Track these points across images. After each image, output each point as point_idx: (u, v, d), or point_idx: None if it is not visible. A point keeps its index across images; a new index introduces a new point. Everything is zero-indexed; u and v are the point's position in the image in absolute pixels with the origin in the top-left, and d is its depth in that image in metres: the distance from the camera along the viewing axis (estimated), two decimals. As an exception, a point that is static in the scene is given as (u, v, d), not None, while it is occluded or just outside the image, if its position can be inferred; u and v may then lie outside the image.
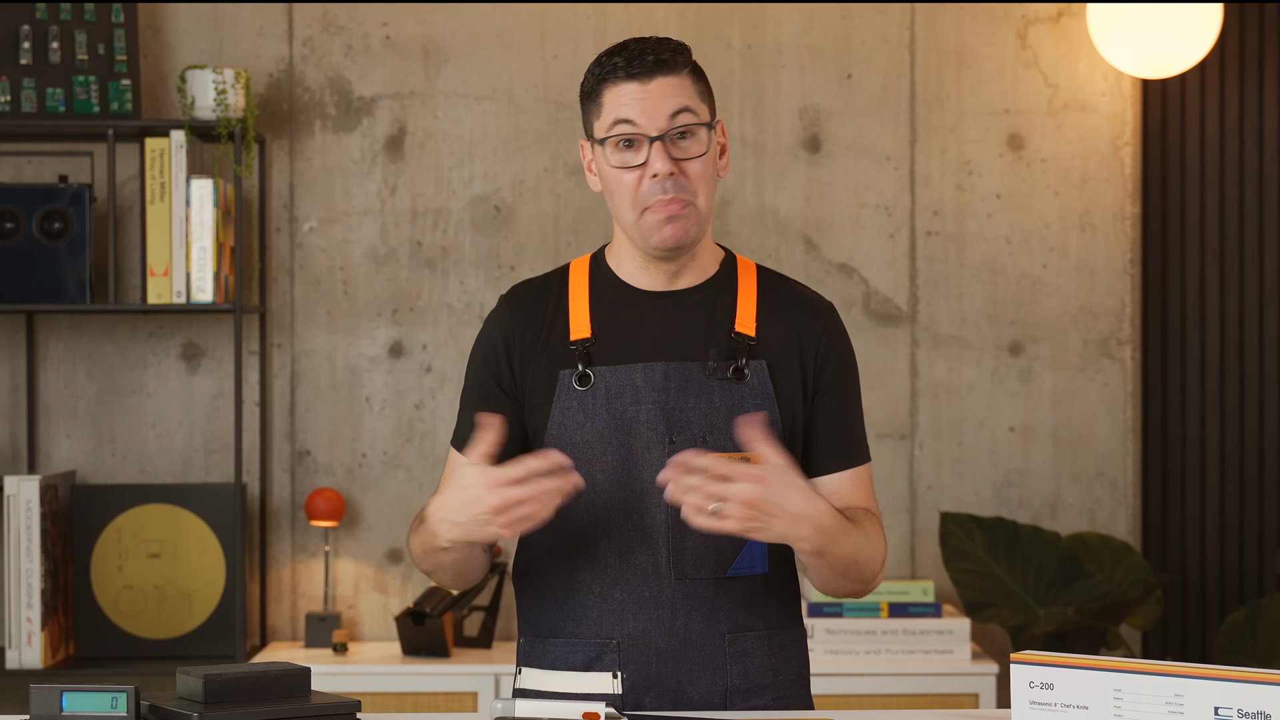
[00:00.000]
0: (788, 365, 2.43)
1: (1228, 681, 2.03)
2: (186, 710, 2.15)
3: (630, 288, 2.45)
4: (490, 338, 2.46)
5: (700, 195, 2.37)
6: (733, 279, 2.47)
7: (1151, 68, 4.13)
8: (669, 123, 2.35)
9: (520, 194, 4.25)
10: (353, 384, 4.24)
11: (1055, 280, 4.29)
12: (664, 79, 2.36)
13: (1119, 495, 4.30)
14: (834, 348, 2.46)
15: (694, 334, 2.42)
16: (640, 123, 2.35)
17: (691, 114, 2.36)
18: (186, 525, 4.09)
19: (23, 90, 4.04)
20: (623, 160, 2.37)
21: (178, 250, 3.98)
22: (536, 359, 2.42)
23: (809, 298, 2.50)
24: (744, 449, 2.30)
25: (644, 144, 2.35)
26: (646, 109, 2.35)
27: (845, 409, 2.47)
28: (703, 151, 2.37)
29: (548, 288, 2.47)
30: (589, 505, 2.38)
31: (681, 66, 2.38)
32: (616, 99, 2.37)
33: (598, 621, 2.40)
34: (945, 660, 3.98)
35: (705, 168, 2.38)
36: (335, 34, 4.24)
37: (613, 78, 2.37)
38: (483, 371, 2.46)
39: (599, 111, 2.39)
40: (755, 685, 2.43)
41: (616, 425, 2.38)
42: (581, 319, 2.43)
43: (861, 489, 2.47)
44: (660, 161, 2.34)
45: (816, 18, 4.28)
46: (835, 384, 2.46)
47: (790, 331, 2.44)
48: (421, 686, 3.91)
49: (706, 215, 2.40)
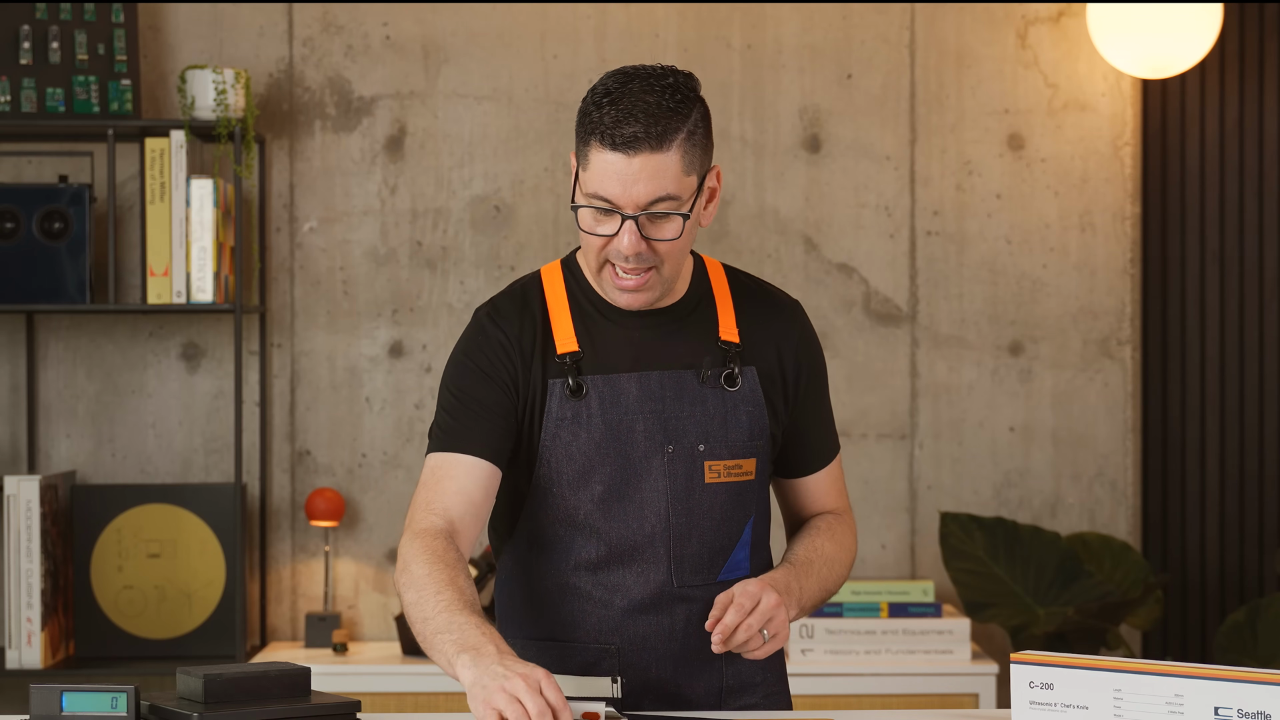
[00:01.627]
0: (772, 371, 2.45)
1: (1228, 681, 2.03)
2: (186, 710, 2.15)
3: (608, 304, 2.42)
4: (488, 341, 2.40)
5: (667, 265, 2.33)
6: (707, 286, 2.46)
7: (1151, 68, 4.13)
8: (646, 204, 2.27)
9: (520, 194, 4.25)
10: (353, 384, 4.24)
11: (1055, 280, 4.29)
12: (649, 155, 2.25)
13: (1119, 495, 4.30)
14: (807, 351, 2.50)
15: (681, 343, 2.42)
16: (617, 198, 2.27)
17: (672, 200, 2.28)
18: (186, 525, 4.09)
19: (23, 90, 4.04)
20: (593, 227, 2.31)
21: (178, 250, 3.98)
22: (528, 369, 2.39)
23: (778, 300, 2.50)
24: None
25: (618, 219, 2.29)
26: (626, 184, 2.26)
27: (822, 409, 2.53)
28: (675, 236, 2.30)
29: (526, 299, 2.42)
30: (587, 514, 2.39)
31: (672, 134, 2.27)
32: (600, 165, 2.27)
33: (597, 627, 2.41)
34: (945, 660, 3.98)
35: (676, 246, 2.32)
36: (335, 34, 4.24)
37: (599, 139, 2.27)
38: (476, 372, 2.39)
39: (585, 162, 2.30)
40: (747, 684, 2.46)
41: (614, 434, 2.37)
42: (566, 333, 2.39)
43: (835, 484, 2.57)
44: (629, 240, 2.28)
45: (816, 18, 4.28)
46: (812, 387, 2.50)
47: (769, 337, 2.46)
48: (421, 686, 3.90)
49: (672, 278, 2.36)
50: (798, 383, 2.47)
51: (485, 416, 2.36)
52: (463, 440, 2.35)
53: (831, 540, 2.49)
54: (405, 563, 2.29)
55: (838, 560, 2.48)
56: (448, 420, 2.38)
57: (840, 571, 2.49)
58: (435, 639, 2.20)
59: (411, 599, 2.26)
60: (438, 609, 2.21)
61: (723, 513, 2.41)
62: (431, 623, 2.21)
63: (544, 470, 2.38)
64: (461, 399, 2.38)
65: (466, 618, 2.19)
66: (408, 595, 2.27)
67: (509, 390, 2.38)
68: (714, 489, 2.40)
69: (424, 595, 2.23)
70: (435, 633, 2.20)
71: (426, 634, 2.22)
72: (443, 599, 2.22)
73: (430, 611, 2.22)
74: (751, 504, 2.44)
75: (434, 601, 2.22)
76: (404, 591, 2.28)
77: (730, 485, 2.40)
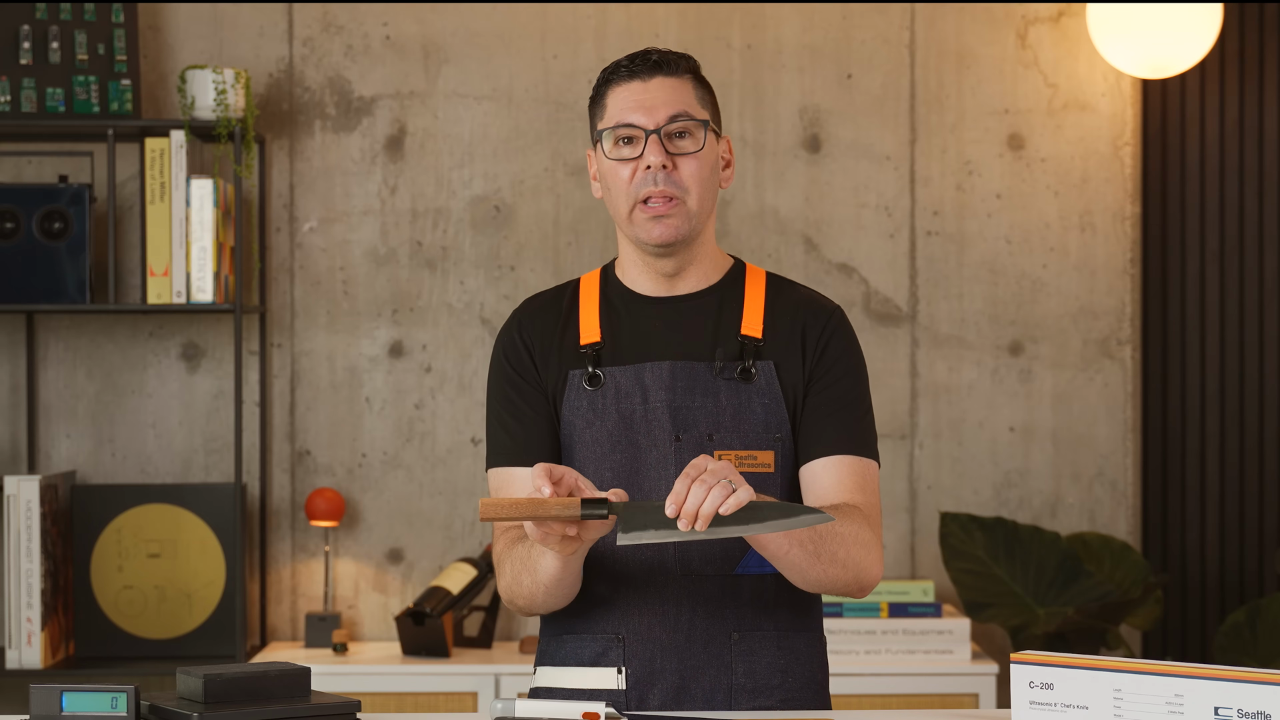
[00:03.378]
0: (791, 363, 2.45)
1: (1228, 681, 2.03)
2: (186, 710, 2.15)
3: (636, 294, 2.49)
4: (512, 344, 2.50)
5: (692, 193, 2.41)
6: (739, 285, 2.50)
7: (1151, 68, 4.13)
8: (667, 120, 2.41)
9: (520, 194, 4.25)
10: (353, 384, 4.24)
11: (1055, 280, 4.29)
12: (664, 79, 2.43)
13: (1119, 495, 4.30)
14: (835, 342, 2.46)
15: (700, 336, 2.46)
16: (639, 119, 2.41)
17: (689, 118, 2.42)
18: (186, 525, 4.09)
19: (23, 90, 4.04)
20: (619, 154, 2.43)
21: (178, 250, 3.98)
22: (549, 362, 2.47)
23: (818, 300, 2.52)
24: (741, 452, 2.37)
25: (641, 139, 2.41)
26: (645, 105, 2.41)
27: (839, 399, 2.44)
28: (698, 149, 2.42)
29: (559, 298, 2.53)
30: None
31: (683, 70, 2.45)
32: (618, 98, 2.44)
33: (604, 616, 2.43)
34: (945, 660, 3.98)
35: (700, 167, 2.42)
36: (335, 34, 4.24)
37: (615, 79, 2.45)
38: (513, 378, 2.48)
39: (602, 112, 2.46)
40: (762, 685, 2.43)
41: (625, 424, 2.42)
42: (591, 324, 2.47)
43: (851, 480, 2.42)
44: (654, 154, 2.40)
45: (816, 18, 4.28)
46: (831, 374, 2.45)
47: (795, 329, 2.46)
48: (421, 686, 3.91)
49: (699, 214, 2.43)
50: (815, 369, 2.44)
51: (533, 424, 2.46)
52: (516, 454, 2.46)
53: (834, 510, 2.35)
54: (502, 557, 2.44)
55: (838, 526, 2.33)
56: (500, 435, 2.49)
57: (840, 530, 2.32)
58: (528, 561, 2.38)
59: (511, 582, 2.42)
60: (519, 553, 2.40)
61: None
62: (524, 562, 2.39)
63: (562, 460, 2.45)
64: (508, 410, 2.48)
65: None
66: (518, 589, 2.41)
67: (540, 388, 2.47)
68: None
69: (513, 562, 2.40)
70: (525, 558, 2.38)
71: (531, 575, 2.38)
72: (519, 549, 2.40)
73: (521, 565, 2.39)
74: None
75: (520, 556, 2.40)
76: (514, 592, 2.42)
77: (744, 476, 2.39)
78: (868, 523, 2.39)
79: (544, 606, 2.41)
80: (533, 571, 2.36)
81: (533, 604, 2.40)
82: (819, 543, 2.31)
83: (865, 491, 2.42)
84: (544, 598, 2.38)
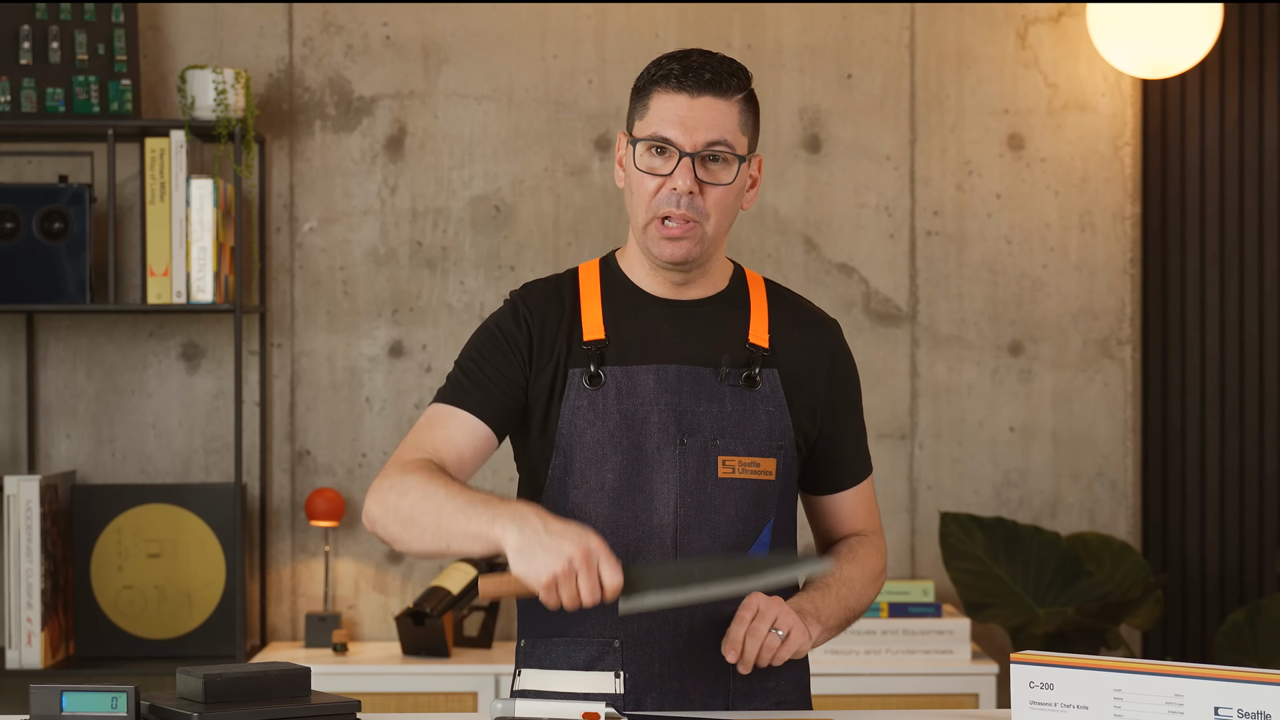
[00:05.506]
0: (799, 380, 2.47)
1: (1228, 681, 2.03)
2: (186, 710, 2.15)
3: (643, 292, 2.48)
4: (513, 318, 2.45)
5: (711, 219, 2.39)
6: (744, 293, 2.50)
7: (1151, 68, 4.13)
8: (705, 146, 2.37)
9: (520, 194, 4.25)
10: (353, 384, 4.24)
11: (1055, 280, 4.29)
12: (713, 99, 2.37)
13: (1119, 495, 4.30)
14: (843, 368, 2.52)
15: (707, 341, 2.45)
16: (677, 137, 2.37)
17: (728, 146, 2.38)
18: (186, 525, 4.09)
19: (23, 90, 4.04)
20: (651, 166, 2.39)
21: (178, 250, 3.98)
22: (549, 355, 2.43)
23: (817, 316, 2.54)
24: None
25: (674, 157, 2.37)
26: (687, 123, 2.36)
27: (854, 427, 2.55)
28: (729, 181, 2.39)
29: (560, 289, 2.48)
30: (598, 504, 2.39)
31: (734, 91, 2.39)
32: (662, 106, 2.38)
33: (601, 620, 2.40)
34: (945, 660, 3.98)
35: (726, 196, 2.39)
36: (335, 34, 4.24)
37: (665, 84, 2.38)
38: (499, 341, 2.44)
39: (644, 112, 2.41)
40: (757, 689, 2.44)
41: (628, 425, 2.40)
42: (595, 321, 2.45)
43: (866, 503, 2.57)
44: (684, 178, 2.37)
45: (816, 18, 4.28)
46: (845, 404, 2.52)
47: (802, 349, 2.48)
48: (421, 686, 3.91)
49: (714, 238, 2.42)
50: (829, 398, 2.49)
51: (495, 384, 2.41)
52: (467, 398, 2.40)
53: (853, 563, 2.50)
54: (393, 482, 2.30)
55: (858, 580, 2.48)
56: (458, 377, 2.43)
57: (863, 590, 2.49)
58: (459, 516, 2.23)
59: (413, 499, 2.27)
60: (451, 494, 2.25)
61: (736, 509, 2.40)
62: (449, 504, 2.24)
63: (559, 460, 2.41)
64: (477, 363, 2.43)
65: (489, 495, 2.24)
66: (405, 500, 2.27)
67: (524, 366, 2.42)
68: (728, 484, 2.40)
69: (431, 490, 2.26)
70: (458, 510, 2.23)
71: (443, 518, 2.24)
72: (454, 488, 2.26)
73: (442, 498, 2.25)
74: (771, 507, 2.43)
75: (445, 491, 2.26)
76: (398, 498, 2.28)
77: (747, 482, 2.41)
78: (874, 546, 2.55)
79: (411, 550, 2.31)
80: (445, 535, 2.24)
81: (405, 543, 2.30)
82: (845, 614, 2.47)
83: (872, 509, 2.59)
84: (425, 547, 2.28)
